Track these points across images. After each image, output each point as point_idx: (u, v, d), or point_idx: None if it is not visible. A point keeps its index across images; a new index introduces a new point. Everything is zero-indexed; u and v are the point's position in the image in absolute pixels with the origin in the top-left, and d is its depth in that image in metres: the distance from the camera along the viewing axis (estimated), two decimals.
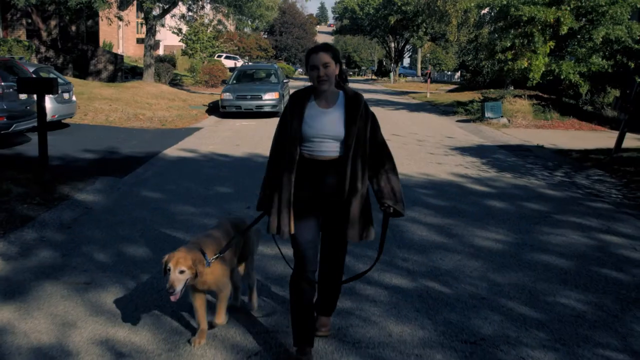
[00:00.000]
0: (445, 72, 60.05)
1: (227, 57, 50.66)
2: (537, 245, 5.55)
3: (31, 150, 10.20)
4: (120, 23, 32.86)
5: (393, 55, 60.37)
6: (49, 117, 12.15)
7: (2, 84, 9.87)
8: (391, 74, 55.20)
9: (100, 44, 33.61)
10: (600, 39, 16.77)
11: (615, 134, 14.55)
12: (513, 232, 5.96)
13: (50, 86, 7.39)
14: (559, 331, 3.76)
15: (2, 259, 4.97)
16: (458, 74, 53.00)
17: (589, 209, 7.10)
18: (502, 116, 16.98)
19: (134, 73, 32.00)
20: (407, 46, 63.24)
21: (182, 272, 3.12)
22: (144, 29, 43.84)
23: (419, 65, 62.45)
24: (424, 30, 53.01)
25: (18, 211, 6.26)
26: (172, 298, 3.11)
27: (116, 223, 6.11)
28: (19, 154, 10.03)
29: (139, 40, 45.47)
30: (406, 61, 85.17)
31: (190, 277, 3.17)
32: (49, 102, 12.41)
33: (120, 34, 41.44)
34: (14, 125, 10.11)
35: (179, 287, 3.11)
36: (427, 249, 5.36)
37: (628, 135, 13.76)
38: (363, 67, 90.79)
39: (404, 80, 56.03)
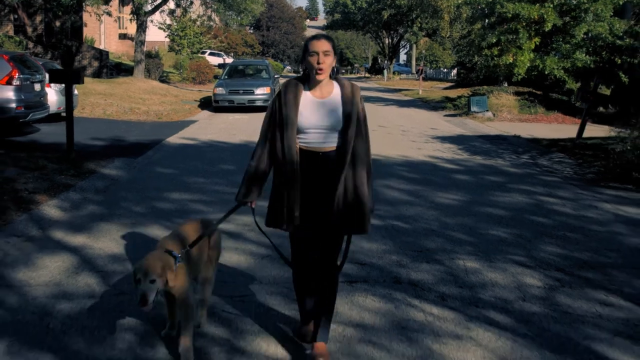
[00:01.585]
0: (442, 69, 62.21)
1: (211, 54, 51.77)
2: (486, 203, 7.51)
3: (43, 138, 12.05)
4: (103, 18, 34.75)
5: (387, 51, 62.60)
6: (55, 109, 14.12)
7: (21, 76, 11.70)
8: (385, 71, 57.30)
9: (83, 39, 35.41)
10: (582, 36, 18.87)
11: (594, 127, 16.60)
12: (469, 194, 7.93)
13: (77, 76, 9.28)
14: (483, 247, 5.70)
15: (60, 210, 6.86)
16: (455, 71, 55.21)
17: (540, 181, 9.09)
18: (487, 110, 19.02)
19: (118, 69, 33.79)
20: (402, 42, 65.49)
21: (152, 281, 3.20)
22: (127, 24, 45.74)
23: (413, 62, 64.60)
24: (419, 25, 55.28)
25: (58, 180, 8.12)
26: (145, 309, 3.20)
27: (141, 189, 8.00)
28: (34, 140, 11.85)
29: (121, 36, 47.21)
30: (403, 58, 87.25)
31: (161, 285, 3.26)
32: (54, 94, 14.31)
33: (102, 30, 43.17)
34: (30, 115, 11.94)
35: (151, 297, 3.19)
36: (396, 203, 7.30)
37: (610, 128, 15.82)
38: (356, 65, 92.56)
39: (399, 78, 58.17)
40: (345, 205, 3.30)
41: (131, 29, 48.67)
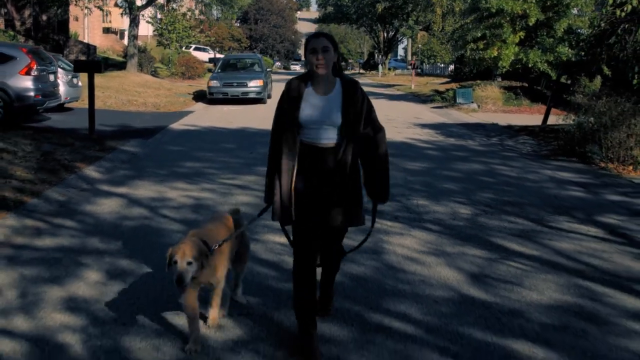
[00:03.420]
0: (439, 64, 64.69)
1: (196, 49, 53.83)
2: (447, 169, 9.94)
3: (57, 125, 14.34)
4: (87, 11, 37.16)
5: (382, 46, 65.18)
6: (62, 99, 16.44)
7: (39, 67, 14.02)
8: (380, 67, 59.76)
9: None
10: (562, 30, 21.40)
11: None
12: (434, 164, 10.35)
13: (99, 67, 11.65)
14: (434, 194, 8.10)
15: (98, 172, 9.22)
16: (452, 66, 57.66)
17: (500, 156, 11.53)
18: (472, 102, 21.49)
19: (106, 64, 36.04)
20: (399, 37, 68.05)
21: (189, 263, 3.56)
22: (111, 17, 48.16)
23: (409, 57, 67.13)
24: (415, 19, 57.90)
25: (88, 154, 10.46)
26: (180, 289, 3.62)
27: (160, 160, 10.38)
28: (49, 126, 14.15)
29: (105, 30, 49.62)
30: (401, 53, 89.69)
31: (197, 269, 3.62)
32: (62, 85, 16.63)
33: (86, 23, 45.46)
34: (46, 103, 14.27)
35: (187, 277, 3.55)
36: None
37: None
38: (350, 61, 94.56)
39: (394, 74, 60.65)
40: (344, 200, 3.69)
41: (115, 22, 51.15)
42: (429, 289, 4.84)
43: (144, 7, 28.71)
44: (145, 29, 44.00)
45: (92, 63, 11.82)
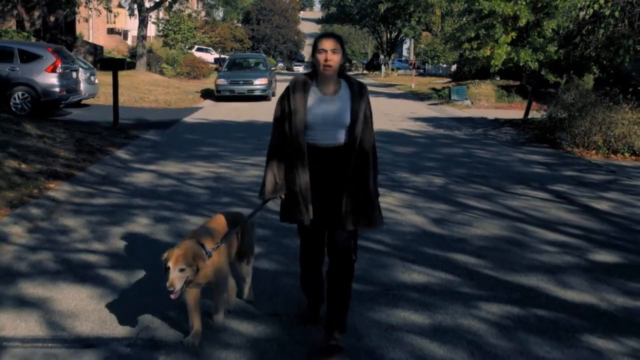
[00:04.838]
0: (441, 64, 66.38)
1: (198, 49, 55.40)
2: (430, 152, 11.68)
3: (79, 118, 16.06)
4: (93, 12, 39.00)
5: (385, 46, 66.94)
6: (82, 95, 18.21)
7: (63, 65, 15.79)
8: (382, 67, 61.52)
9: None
10: (551, 30, 23.12)
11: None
12: (420, 148, 12.09)
13: (122, 65, 13.40)
14: (415, 169, 9.83)
15: (128, 155, 10.96)
16: (454, 66, 59.21)
17: (481, 143, 13.26)
18: (466, 99, 23.23)
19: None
20: (402, 37, 69.81)
21: (182, 270, 3.61)
22: (115, 18, 50.00)
23: (411, 57, 68.83)
24: (417, 19, 59.65)
25: (115, 141, 12.21)
26: (172, 296, 3.61)
27: (179, 145, 12.12)
28: (72, 120, 15.90)
29: (109, 31, 51.42)
30: (405, 53, 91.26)
31: (191, 274, 3.67)
32: (82, 83, 18.41)
33: (90, 24, 47.23)
34: (70, 98, 16.04)
35: (178, 285, 3.59)
36: None
37: None
38: (354, 61, 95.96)
39: (397, 74, 62.38)
40: (354, 201, 3.70)
41: (119, 23, 52.98)
42: (400, 227, 6.58)
43: (153, 8, 30.55)
44: (149, 30, 45.73)
45: (116, 61, 13.59)
